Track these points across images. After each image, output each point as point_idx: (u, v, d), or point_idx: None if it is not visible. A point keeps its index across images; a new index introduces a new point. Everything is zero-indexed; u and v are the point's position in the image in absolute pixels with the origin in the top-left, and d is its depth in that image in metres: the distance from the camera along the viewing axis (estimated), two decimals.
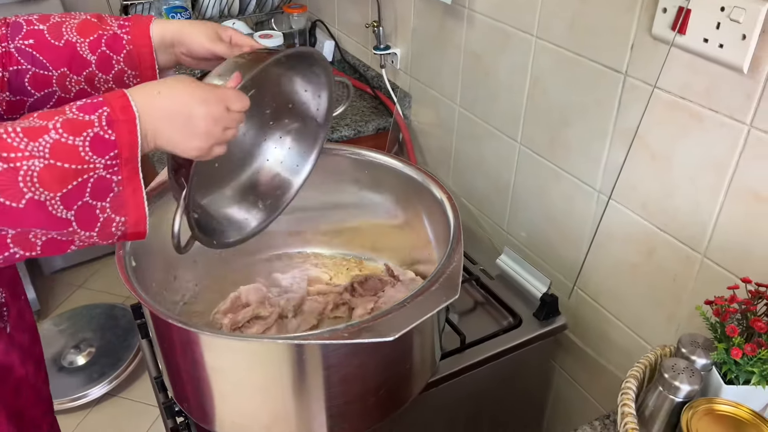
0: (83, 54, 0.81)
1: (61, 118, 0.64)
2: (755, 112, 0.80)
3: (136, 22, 0.83)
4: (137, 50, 0.82)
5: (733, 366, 0.73)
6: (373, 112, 1.62)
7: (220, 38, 0.85)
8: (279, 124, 0.93)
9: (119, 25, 0.83)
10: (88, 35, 0.81)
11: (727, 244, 0.89)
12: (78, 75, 0.81)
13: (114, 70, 0.82)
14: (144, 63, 0.83)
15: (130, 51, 0.82)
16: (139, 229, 0.69)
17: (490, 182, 1.34)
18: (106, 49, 0.82)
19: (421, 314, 0.72)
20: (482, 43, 1.24)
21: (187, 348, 0.77)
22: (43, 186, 0.62)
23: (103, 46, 0.81)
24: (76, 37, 0.77)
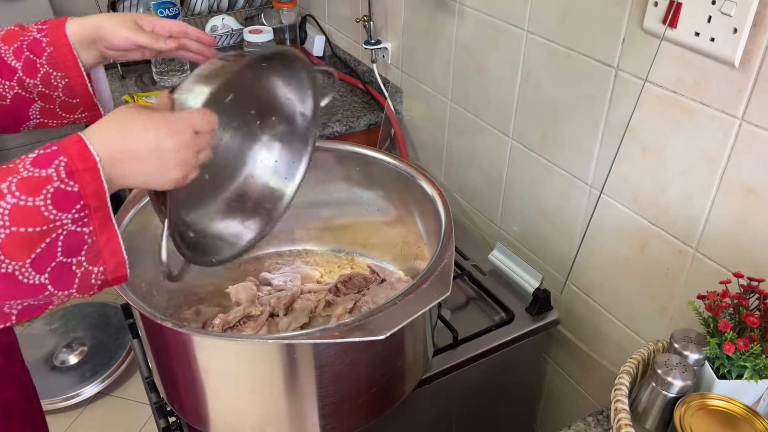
0: (9, 61, 0.82)
1: (15, 179, 0.60)
2: (746, 106, 0.80)
3: (52, 24, 0.84)
4: (57, 51, 0.82)
5: (725, 361, 0.73)
6: (364, 108, 1.61)
7: (141, 27, 0.85)
8: (266, 126, 0.90)
9: (38, 29, 0.83)
10: (11, 43, 0.82)
11: (719, 238, 0.88)
12: (9, 80, 0.82)
13: (40, 73, 0.83)
14: (67, 63, 0.83)
15: (51, 53, 0.82)
16: (119, 274, 0.66)
17: (482, 177, 1.34)
18: (29, 53, 0.82)
19: (412, 312, 0.72)
20: (473, 38, 1.24)
21: (178, 349, 0.76)
22: (8, 257, 0.58)
23: (26, 51, 0.82)
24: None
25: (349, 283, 1.02)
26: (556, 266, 1.20)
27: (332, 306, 1.00)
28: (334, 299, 0.99)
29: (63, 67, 0.83)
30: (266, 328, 0.91)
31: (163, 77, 1.71)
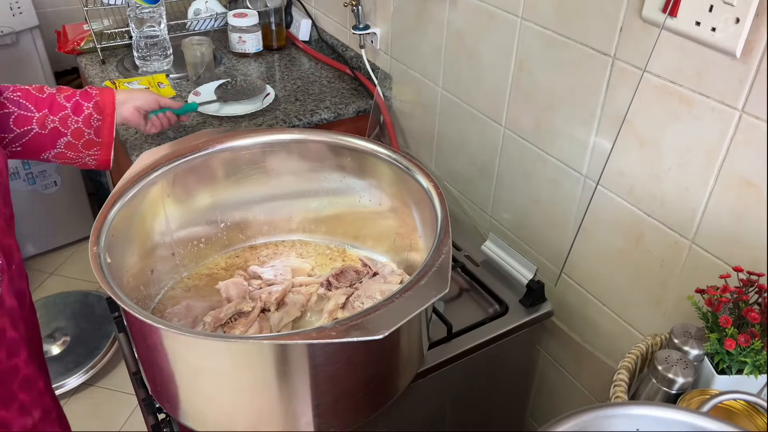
0: (61, 101, 1.11)
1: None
2: (747, 98, 0.79)
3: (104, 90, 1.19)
4: (103, 100, 1.16)
5: (725, 356, 0.72)
6: (352, 94, 1.58)
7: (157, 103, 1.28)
8: None
9: (89, 87, 1.18)
10: (64, 91, 1.14)
11: (716, 231, 0.88)
12: (54, 116, 1.10)
13: (83, 114, 1.13)
14: (107, 110, 1.16)
15: (97, 101, 1.15)
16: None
17: (474, 166, 1.32)
18: (79, 98, 1.13)
19: (411, 310, 0.70)
20: (465, 24, 1.21)
21: (167, 349, 0.74)
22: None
23: (77, 96, 1.14)
24: (55, 91, 1.13)
25: (341, 276, 1.00)
26: (549, 257, 1.19)
27: (324, 300, 0.98)
28: (325, 293, 0.97)
29: (103, 113, 1.15)
30: (258, 323, 0.89)
31: (145, 62, 1.66)
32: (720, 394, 0.60)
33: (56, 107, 1.10)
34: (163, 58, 1.68)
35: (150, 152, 1.03)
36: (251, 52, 1.78)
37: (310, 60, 1.77)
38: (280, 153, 1.08)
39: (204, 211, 1.08)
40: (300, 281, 1.01)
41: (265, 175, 1.09)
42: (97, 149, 1.16)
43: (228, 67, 1.73)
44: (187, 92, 1.56)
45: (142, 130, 1.28)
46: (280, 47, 1.84)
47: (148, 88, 1.57)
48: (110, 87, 1.18)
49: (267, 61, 1.78)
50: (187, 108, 1.37)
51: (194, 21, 1.88)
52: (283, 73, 1.70)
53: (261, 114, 1.48)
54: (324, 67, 1.73)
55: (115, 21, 1.81)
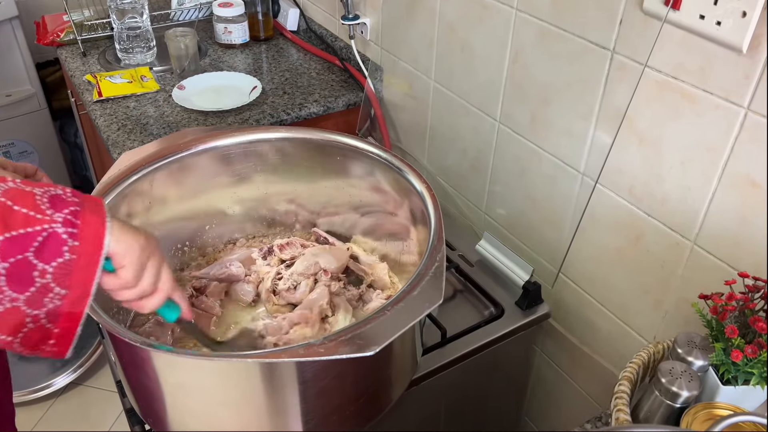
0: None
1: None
2: (753, 95, 0.75)
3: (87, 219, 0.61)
4: (80, 263, 0.60)
5: (731, 367, 0.70)
6: (342, 87, 1.53)
7: None
8: None
9: (64, 219, 0.59)
10: (5, 228, 0.56)
11: (719, 232, 0.85)
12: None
13: (33, 287, 0.59)
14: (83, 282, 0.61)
15: (65, 262, 0.59)
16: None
17: (468, 161, 1.28)
18: (32, 255, 0.58)
19: (403, 324, 0.67)
20: (458, 14, 1.17)
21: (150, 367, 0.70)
22: None
23: (31, 251, 0.58)
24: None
25: (286, 247, 1.03)
26: (545, 255, 1.15)
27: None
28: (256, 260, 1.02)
29: (73, 284, 0.60)
30: None
31: (128, 55, 1.61)
32: (729, 416, 0.57)
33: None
34: (146, 50, 1.62)
35: (132, 152, 1.00)
36: (238, 43, 1.73)
37: (299, 51, 1.72)
38: (267, 151, 1.04)
39: (188, 212, 1.05)
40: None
41: (252, 175, 1.06)
42: (54, 345, 0.62)
43: (214, 59, 1.68)
44: (171, 86, 1.51)
45: None
46: (268, 38, 1.79)
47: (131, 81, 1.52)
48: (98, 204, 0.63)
49: (254, 53, 1.73)
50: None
51: (178, 11, 1.82)
52: (271, 65, 1.65)
53: (248, 108, 1.43)
54: (313, 58, 1.68)
55: (96, 12, 1.75)
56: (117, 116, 1.41)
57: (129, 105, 1.45)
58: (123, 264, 0.64)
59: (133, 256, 0.64)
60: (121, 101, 1.46)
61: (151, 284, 0.67)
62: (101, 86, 1.49)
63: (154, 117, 1.41)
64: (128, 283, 0.65)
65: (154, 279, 0.67)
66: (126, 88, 1.49)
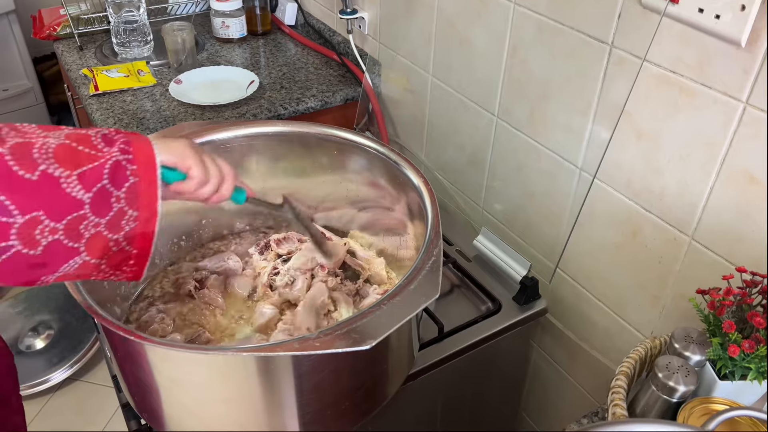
0: (70, 191, 0.61)
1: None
2: (752, 89, 0.75)
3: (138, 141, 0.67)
4: (144, 182, 0.66)
5: (728, 362, 0.69)
6: (340, 81, 1.53)
7: None
8: None
9: (120, 148, 0.65)
10: (75, 165, 0.61)
11: (717, 227, 0.84)
12: (57, 222, 0.60)
13: (112, 211, 0.64)
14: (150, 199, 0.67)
15: (133, 184, 0.65)
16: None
17: (466, 156, 1.28)
18: (108, 182, 0.63)
19: (399, 318, 0.67)
20: (456, 9, 1.16)
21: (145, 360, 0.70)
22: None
23: (105, 177, 0.63)
24: (57, 169, 0.60)
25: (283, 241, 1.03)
26: (543, 251, 1.15)
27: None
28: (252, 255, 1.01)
29: (141, 205, 0.66)
30: None
31: (124, 49, 1.60)
32: (725, 411, 0.56)
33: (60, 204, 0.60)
34: (143, 44, 1.62)
35: None
36: (235, 37, 1.72)
37: (296, 45, 1.72)
38: (264, 145, 1.04)
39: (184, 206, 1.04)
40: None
41: (248, 169, 1.05)
42: (132, 266, 0.69)
43: (211, 54, 1.67)
44: (168, 80, 1.51)
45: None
46: (265, 32, 1.78)
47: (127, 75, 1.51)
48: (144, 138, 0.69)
49: (251, 47, 1.72)
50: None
51: (175, 5, 1.82)
52: (268, 60, 1.64)
53: (245, 102, 1.43)
54: (310, 52, 1.67)
55: (93, 5, 1.74)
56: (114, 110, 1.40)
57: (126, 99, 1.44)
58: (189, 165, 0.71)
59: (192, 157, 0.71)
60: (118, 95, 1.46)
61: (218, 172, 0.74)
62: (98, 80, 1.48)
63: (150, 111, 1.40)
64: (202, 179, 0.72)
65: (218, 168, 0.74)
66: (123, 82, 1.49)
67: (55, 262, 0.62)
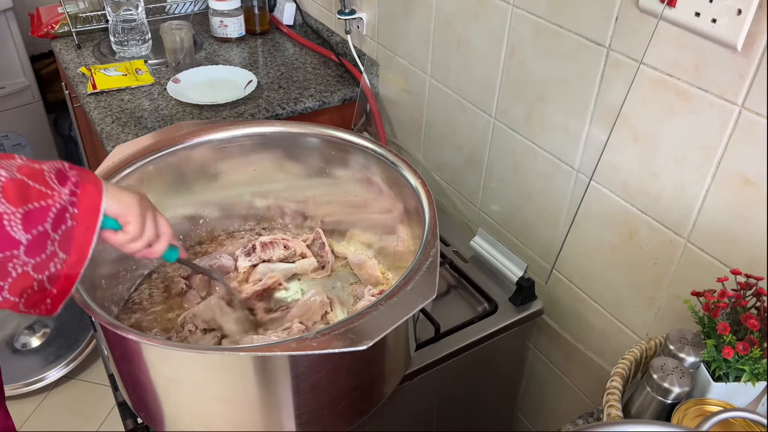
0: (11, 230, 0.61)
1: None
2: (747, 93, 0.75)
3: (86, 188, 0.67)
4: (80, 229, 0.66)
5: (722, 364, 0.70)
6: (338, 81, 1.53)
7: None
8: None
9: (70, 190, 0.65)
10: (22, 202, 0.61)
11: (712, 229, 0.85)
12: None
13: (44, 254, 0.64)
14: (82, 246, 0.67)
15: (68, 229, 0.65)
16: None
17: (463, 157, 1.28)
18: (50, 227, 0.63)
19: (396, 319, 0.67)
20: (455, 10, 1.17)
21: (142, 359, 0.70)
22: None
23: (48, 222, 0.63)
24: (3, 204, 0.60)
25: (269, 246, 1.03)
26: (539, 251, 1.16)
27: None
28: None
29: (73, 249, 0.66)
30: None
31: (122, 47, 1.60)
32: (720, 412, 0.57)
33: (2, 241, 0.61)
34: (141, 43, 1.62)
35: (126, 145, 0.99)
36: (233, 36, 1.72)
37: (295, 45, 1.72)
38: (262, 145, 1.04)
39: (182, 206, 1.04)
40: None
41: (246, 168, 1.05)
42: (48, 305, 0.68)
43: (209, 53, 1.67)
44: (166, 79, 1.51)
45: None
46: (264, 32, 1.78)
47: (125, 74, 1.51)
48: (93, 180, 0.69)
49: (250, 47, 1.72)
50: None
51: (173, 4, 1.82)
52: (267, 59, 1.64)
53: (243, 102, 1.43)
54: (309, 52, 1.68)
55: (91, 3, 1.74)
56: (111, 109, 1.40)
57: (123, 98, 1.44)
58: (128, 220, 0.72)
59: (135, 211, 0.73)
60: (116, 94, 1.46)
61: (154, 232, 0.77)
62: (96, 79, 1.48)
63: (148, 110, 1.40)
64: (136, 235, 0.74)
65: (156, 227, 0.77)
66: (121, 80, 1.49)
67: None
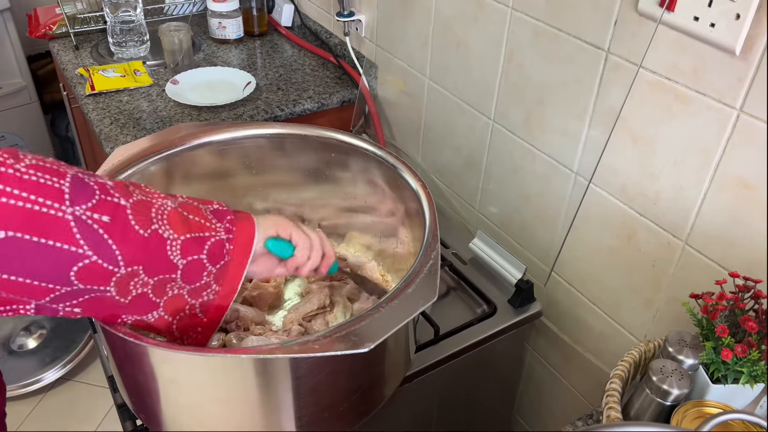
0: (171, 255, 0.65)
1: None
2: (746, 97, 0.76)
3: (242, 223, 0.72)
4: (234, 262, 0.70)
5: (721, 366, 0.70)
6: (337, 83, 1.53)
7: None
8: None
9: (226, 227, 0.70)
10: (184, 231, 0.66)
11: (710, 232, 0.85)
12: (150, 277, 0.65)
13: (200, 282, 0.69)
14: (233, 278, 0.71)
15: (226, 263, 0.70)
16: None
17: (462, 159, 1.28)
18: (205, 256, 0.68)
19: (397, 321, 0.67)
20: (454, 12, 1.17)
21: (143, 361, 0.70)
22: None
23: (204, 251, 0.67)
24: (168, 230, 0.65)
25: None
26: (538, 254, 1.16)
27: None
28: None
29: (225, 282, 0.71)
30: None
31: (121, 48, 1.60)
32: (719, 414, 0.57)
33: (158, 264, 0.64)
34: (140, 44, 1.62)
35: (125, 147, 0.99)
36: (232, 38, 1.72)
37: (293, 47, 1.72)
38: (261, 147, 1.04)
39: None
40: None
41: (246, 170, 1.05)
42: (199, 333, 0.74)
43: (207, 54, 1.67)
44: (164, 80, 1.51)
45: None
46: (262, 33, 1.78)
47: (124, 75, 1.51)
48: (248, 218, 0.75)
49: (248, 48, 1.72)
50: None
51: (172, 5, 1.82)
52: (265, 61, 1.65)
53: (242, 104, 1.43)
54: (307, 54, 1.68)
55: (89, 4, 1.74)
56: (110, 110, 1.40)
57: (122, 99, 1.44)
58: (289, 233, 0.77)
59: (288, 225, 0.78)
60: (114, 95, 1.46)
61: (320, 246, 0.82)
62: (94, 80, 1.48)
63: (147, 111, 1.40)
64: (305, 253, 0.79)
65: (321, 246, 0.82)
66: (119, 82, 1.49)
67: (138, 311, 0.67)
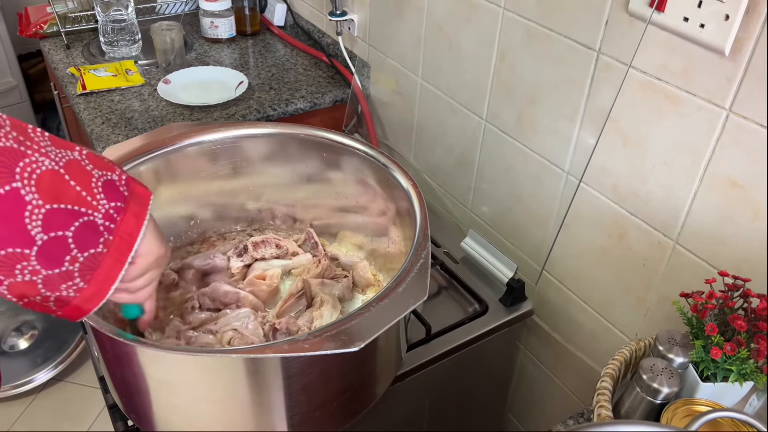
0: (29, 225, 0.54)
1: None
2: (735, 97, 0.76)
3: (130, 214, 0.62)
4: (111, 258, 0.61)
5: (710, 364, 0.71)
6: (329, 83, 1.53)
7: None
8: None
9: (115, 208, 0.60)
10: (52, 200, 0.55)
11: (700, 231, 0.86)
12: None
13: (59, 269, 0.57)
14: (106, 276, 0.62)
15: (99, 255, 0.59)
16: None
17: (454, 159, 1.29)
18: (71, 237, 0.57)
19: (388, 320, 0.67)
20: (446, 12, 1.17)
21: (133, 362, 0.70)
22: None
23: (71, 230, 0.56)
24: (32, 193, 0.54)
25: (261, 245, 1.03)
26: (529, 253, 1.16)
27: None
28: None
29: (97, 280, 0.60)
30: None
31: (112, 48, 1.60)
32: (708, 412, 0.58)
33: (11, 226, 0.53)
34: (131, 43, 1.61)
35: (116, 146, 0.99)
36: (224, 37, 1.72)
37: (286, 46, 1.72)
38: (253, 147, 1.04)
39: (174, 208, 1.04)
40: None
41: (238, 170, 1.05)
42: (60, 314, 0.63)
43: (200, 54, 1.67)
44: (156, 80, 1.50)
45: None
46: (254, 32, 1.78)
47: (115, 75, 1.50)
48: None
49: (240, 47, 1.72)
50: None
51: (164, 5, 1.81)
52: (257, 60, 1.64)
53: (234, 103, 1.43)
54: (300, 54, 1.68)
55: (80, 3, 1.73)
56: (101, 110, 1.40)
57: (113, 99, 1.44)
58: (135, 262, 0.64)
59: (147, 260, 0.65)
60: (106, 95, 1.45)
61: (140, 287, 0.68)
62: (85, 79, 1.47)
63: (139, 111, 1.40)
64: (127, 277, 0.64)
65: (145, 284, 0.69)
66: (110, 81, 1.48)
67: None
